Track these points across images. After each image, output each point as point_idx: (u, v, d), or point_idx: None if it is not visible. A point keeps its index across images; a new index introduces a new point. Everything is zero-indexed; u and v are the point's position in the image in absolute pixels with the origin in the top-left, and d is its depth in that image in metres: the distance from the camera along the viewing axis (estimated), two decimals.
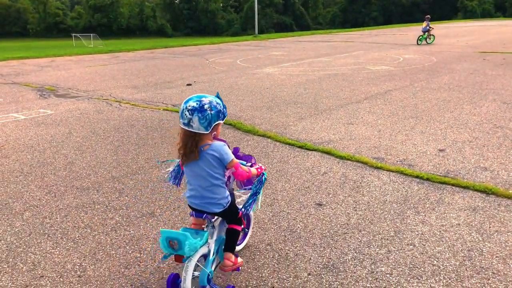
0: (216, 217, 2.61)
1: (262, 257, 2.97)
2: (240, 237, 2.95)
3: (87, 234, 3.36)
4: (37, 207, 3.86)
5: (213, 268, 2.54)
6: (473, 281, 2.64)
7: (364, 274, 2.74)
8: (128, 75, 12.77)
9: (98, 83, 11.23)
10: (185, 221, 3.50)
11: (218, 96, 2.42)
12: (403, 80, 10.21)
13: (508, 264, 2.80)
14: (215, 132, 2.42)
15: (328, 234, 3.26)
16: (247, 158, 2.71)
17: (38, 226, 3.50)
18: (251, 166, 2.64)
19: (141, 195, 4.07)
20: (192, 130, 2.31)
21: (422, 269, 2.78)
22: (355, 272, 2.76)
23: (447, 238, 3.14)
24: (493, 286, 2.60)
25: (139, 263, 2.95)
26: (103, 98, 9.06)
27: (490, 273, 2.71)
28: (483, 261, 2.84)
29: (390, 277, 2.70)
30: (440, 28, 33.47)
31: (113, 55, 20.45)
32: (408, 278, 2.69)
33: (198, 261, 2.40)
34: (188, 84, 10.56)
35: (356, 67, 12.90)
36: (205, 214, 2.50)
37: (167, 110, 7.72)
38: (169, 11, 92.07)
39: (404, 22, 69.27)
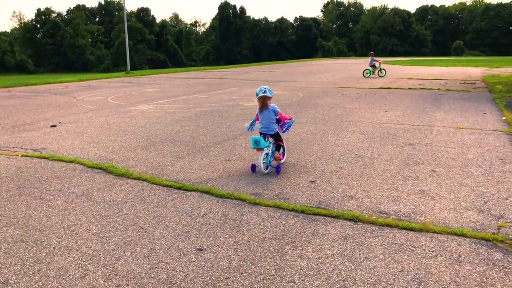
0: (271, 138, 5.94)
1: None
2: (282, 155, 6.05)
3: None
4: None
5: (270, 159, 5.79)
6: None
7: None
8: None
9: None
10: (47, 286, 3.05)
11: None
12: None
13: None
14: (271, 100, 5.92)
15: (209, 281, 3.13)
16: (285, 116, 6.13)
17: None
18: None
19: None
20: (266, 94, 5.79)
21: None
22: None
23: (323, 271, 3.25)
24: None
25: None
26: None
27: None
28: None
29: None
30: (305, 66, 36.63)
31: None
32: None
33: (264, 155, 5.72)
34: (52, 126, 9.65)
35: (231, 104, 13.28)
36: (267, 135, 5.86)
37: (27, 156, 6.89)
38: (30, 46, 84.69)
39: (272, 60, 74.55)
